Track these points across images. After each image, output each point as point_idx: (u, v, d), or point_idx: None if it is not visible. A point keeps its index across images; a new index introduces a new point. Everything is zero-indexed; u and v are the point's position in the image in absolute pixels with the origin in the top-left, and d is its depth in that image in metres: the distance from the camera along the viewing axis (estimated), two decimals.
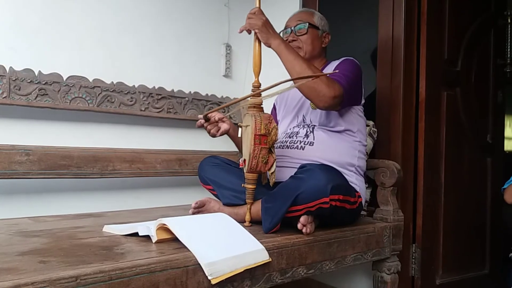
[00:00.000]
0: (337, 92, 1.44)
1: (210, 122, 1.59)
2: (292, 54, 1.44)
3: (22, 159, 1.66)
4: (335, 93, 1.44)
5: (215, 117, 1.59)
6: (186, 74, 2.31)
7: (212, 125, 1.59)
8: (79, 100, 1.86)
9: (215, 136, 1.61)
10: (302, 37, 1.71)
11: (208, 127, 1.59)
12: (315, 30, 1.74)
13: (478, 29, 2.19)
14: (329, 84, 1.43)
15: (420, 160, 1.91)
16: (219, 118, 1.59)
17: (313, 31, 1.73)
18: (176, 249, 1.07)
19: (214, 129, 1.59)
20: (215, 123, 1.60)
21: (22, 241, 1.15)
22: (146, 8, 2.17)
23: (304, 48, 1.71)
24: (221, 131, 1.60)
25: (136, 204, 2.02)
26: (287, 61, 1.44)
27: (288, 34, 1.74)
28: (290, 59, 1.44)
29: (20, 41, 1.79)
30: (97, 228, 1.35)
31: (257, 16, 1.43)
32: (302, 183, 1.31)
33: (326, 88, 1.42)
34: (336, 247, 1.43)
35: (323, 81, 1.42)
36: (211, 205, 1.56)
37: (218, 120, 1.60)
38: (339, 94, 1.45)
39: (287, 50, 1.44)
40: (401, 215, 1.72)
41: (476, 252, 2.17)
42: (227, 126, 1.61)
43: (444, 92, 2.02)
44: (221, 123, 1.61)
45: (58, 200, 1.86)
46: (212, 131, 1.59)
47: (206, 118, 1.57)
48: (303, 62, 1.44)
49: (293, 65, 1.43)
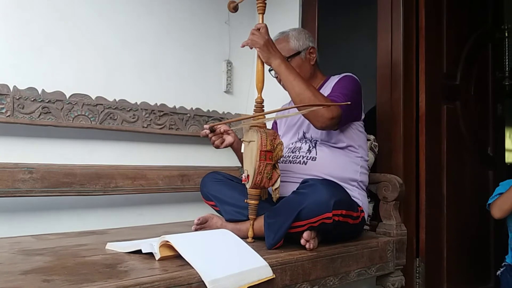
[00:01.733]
0: (335, 114, 1.46)
1: (215, 133, 1.61)
2: (292, 75, 1.46)
3: (25, 177, 1.66)
4: (333, 115, 1.45)
5: (221, 129, 1.61)
6: (188, 90, 2.34)
7: (217, 137, 1.61)
8: (82, 118, 1.87)
9: (219, 148, 1.63)
10: None
11: (213, 138, 1.61)
12: (297, 57, 1.71)
13: (476, 43, 2.21)
14: (328, 106, 1.44)
15: (422, 173, 1.92)
16: (224, 130, 1.62)
17: (295, 60, 1.70)
18: (180, 266, 1.07)
19: (218, 140, 1.61)
20: (220, 134, 1.62)
21: (25, 259, 1.15)
22: (148, 26, 2.20)
23: None
24: (225, 144, 1.62)
25: (138, 220, 2.02)
26: (287, 81, 1.46)
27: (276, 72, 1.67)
28: (290, 79, 1.45)
29: (24, 60, 1.82)
30: (100, 245, 1.34)
31: (260, 34, 1.44)
32: (305, 199, 1.31)
33: (324, 109, 1.44)
34: (339, 263, 1.42)
35: (321, 101, 1.43)
36: (214, 221, 1.56)
37: (224, 132, 1.62)
38: (337, 115, 1.47)
39: (287, 70, 1.46)
40: (404, 229, 1.72)
41: (480, 265, 2.16)
42: (232, 139, 1.63)
43: (444, 105, 2.04)
44: (226, 135, 1.63)
45: (60, 217, 1.86)
46: (216, 142, 1.61)
47: (211, 129, 1.60)
48: (303, 82, 1.45)
49: (293, 85, 1.45)
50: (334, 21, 2.48)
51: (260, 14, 1.46)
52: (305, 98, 1.43)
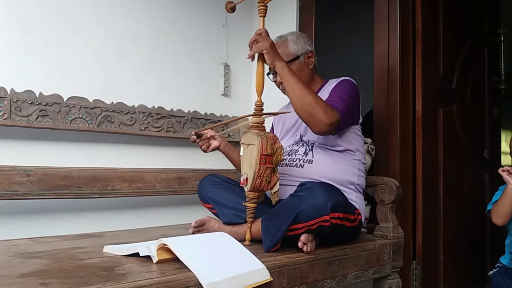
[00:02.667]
0: (334, 119, 1.47)
1: (202, 139, 1.68)
2: (294, 79, 1.47)
3: (22, 180, 1.66)
4: (331, 120, 1.46)
5: (207, 134, 1.70)
6: (185, 93, 2.34)
7: (203, 142, 1.69)
8: (79, 121, 1.87)
9: (206, 152, 1.71)
10: None
11: (199, 143, 1.69)
12: (296, 62, 1.72)
13: (472, 47, 2.23)
14: (327, 111, 1.45)
15: (419, 176, 1.93)
16: (210, 135, 1.70)
17: (294, 64, 1.71)
18: (177, 269, 1.07)
19: (204, 145, 1.69)
20: (207, 139, 1.70)
21: (23, 262, 1.14)
22: (145, 29, 2.20)
23: None
24: (211, 148, 1.70)
25: (136, 223, 2.02)
26: (289, 84, 1.47)
27: (274, 75, 1.71)
28: (292, 83, 1.46)
29: (21, 63, 1.82)
30: (97, 248, 1.34)
31: (264, 38, 1.44)
32: (302, 202, 1.32)
33: (324, 114, 1.44)
34: (337, 265, 1.43)
35: (321, 107, 1.45)
36: (211, 224, 1.56)
37: (210, 137, 1.70)
38: (335, 120, 1.47)
39: (290, 74, 1.47)
40: (401, 231, 1.73)
41: (476, 267, 2.17)
42: (217, 143, 1.70)
43: (440, 108, 2.05)
44: (212, 140, 1.70)
45: (58, 220, 1.86)
46: (202, 147, 1.70)
47: (198, 135, 1.68)
48: (304, 87, 1.46)
49: (294, 89, 1.46)
50: (331, 24, 2.49)
51: (261, 17, 1.46)
52: (305, 103, 1.44)
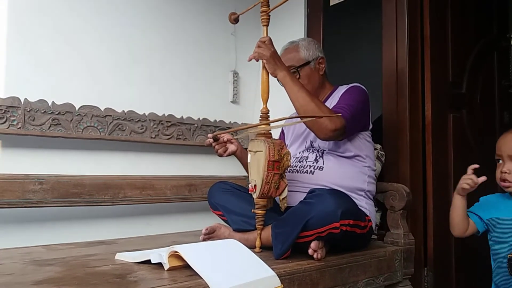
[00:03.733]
0: (338, 125, 1.47)
1: (218, 142, 1.65)
2: (297, 86, 1.48)
3: (36, 188, 1.69)
4: (336, 126, 1.46)
5: (224, 138, 1.66)
6: (195, 101, 2.36)
7: (220, 145, 1.66)
8: (91, 129, 1.90)
9: (222, 156, 1.67)
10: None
11: (216, 147, 1.65)
12: (307, 67, 1.73)
13: (482, 52, 2.22)
14: (331, 117, 1.46)
15: (429, 182, 1.92)
16: (227, 139, 1.66)
17: (305, 69, 1.72)
18: (188, 276, 1.08)
19: (221, 149, 1.66)
20: (223, 143, 1.66)
21: (37, 270, 1.16)
22: (155, 38, 2.23)
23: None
24: (228, 152, 1.66)
25: (147, 230, 2.04)
26: (292, 92, 1.48)
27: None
28: (294, 91, 1.47)
29: (34, 72, 1.85)
30: (109, 255, 1.36)
31: (266, 46, 1.45)
32: (312, 208, 1.32)
33: (328, 121, 1.45)
34: (347, 272, 1.42)
35: (325, 113, 1.45)
36: (221, 231, 1.57)
37: (227, 140, 1.66)
38: (340, 127, 1.48)
39: (292, 82, 1.48)
40: (412, 238, 1.72)
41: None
42: (235, 148, 1.67)
43: (450, 114, 2.04)
44: (229, 144, 1.67)
45: (70, 228, 1.88)
46: (219, 151, 1.66)
47: (215, 138, 1.63)
48: (307, 94, 1.47)
49: (297, 97, 1.47)
50: (339, 31, 2.49)
51: (264, 26, 1.48)
52: (309, 110, 1.45)
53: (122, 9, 2.11)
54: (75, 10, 1.97)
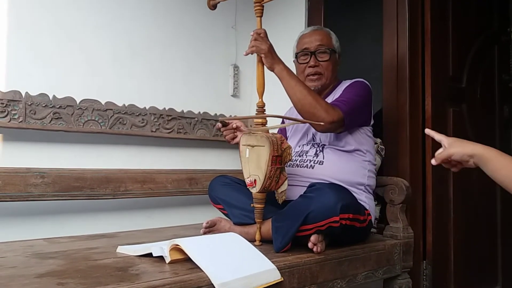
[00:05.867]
0: (335, 118, 1.48)
1: (227, 128, 1.63)
2: (294, 80, 1.49)
3: (37, 182, 1.70)
4: (333, 118, 1.48)
5: (233, 124, 1.63)
6: (195, 95, 2.36)
7: (229, 131, 1.63)
8: (92, 123, 1.91)
9: (230, 143, 1.65)
10: (324, 63, 1.71)
11: (224, 132, 1.64)
12: (334, 55, 1.75)
13: (482, 46, 2.21)
14: (328, 110, 1.47)
15: (428, 176, 1.92)
16: (237, 126, 1.63)
17: (333, 56, 1.74)
18: (190, 269, 1.09)
19: (229, 135, 1.64)
20: (232, 129, 1.64)
21: (39, 263, 1.17)
22: (156, 32, 2.23)
23: (325, 74, 1.72)
24: (236, 140, 1.63)
25: (148, 224, 2.05)
26: (289, 86, 1.49)
27: (308, 57, 1.72)
28: (291, 85, 1.48)
29: (35, 67, 1.86)
30: (110, 248, 1.37)
31: (263, 40, 1.45)
32: (312, 203, 1.33)
33: (325, 113, 1.46)
34: (347, 265, 1.44)
35: (322, 107, 1.47)
36: (222, 225, 1.58)
37: (236, 128, 1.64)
38: (337, 119, 1.49)
39: (289, 76, 1.49)
40: (411, 232, 1.73)
41: (487, 267, 2.16)
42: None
43: (450, 108, 2.04)
44: (238, 132, 1.64)
45: (71, 221, 1.90)
46: (227, 137, 1.64)
47: (224, 123, 1.62)
48: (304, 88, 1.48)
49: (295, 91, 1.48)
50: (340, 24, 2.49)
51: (258, 17, 1.46)
52: (306, 104, 1.47)
53: (122, 3, 2.11)
54: (75, 3, 1.97)
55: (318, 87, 1.71)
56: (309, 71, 1.72)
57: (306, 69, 1.73)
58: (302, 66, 1.74)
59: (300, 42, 1.78)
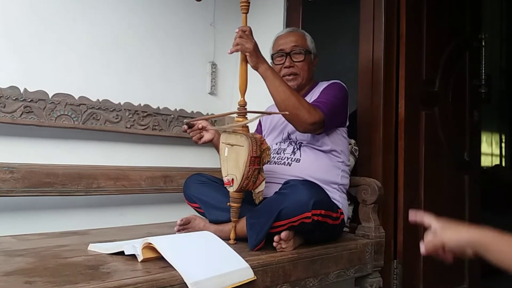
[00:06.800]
0: (317, 119, 1.51)
1: (193, 129, 1.61)
2: (278, 80, 1.50)
3: (6, 177, 1.64)
4: (314, 120, 1.51)
5: (199, 125, 1.62)
6: (172, 91, 2.34)
7: (195, 132, 1.62)
8: (65, 118, 1.86)
9: (197, 143, 1.64)
10: (299, 64, 1.73)
11: (191, 133, 1.62)
12: (309, 56, 1.77)
13: (455, 51, 2.28)
14: (310, 111, 1.50)
15: (400, 177, 1.97)
16: (202, 126, 1.63)
17: (308, 57, 1.76)
18: (162, 268, 1.08)
19: (196, 136, 1.63)
20: (198, 130, 1.63)
21: (6, 260, 1.14)
22: (132, 27, 2.19)
23: (301, 74, 1.74)
24: (203, 140, 1.63)
25: (121, 221, 2.01)
26: (273, 86, 1.50)
27: (283, 58, 1.74)
28: (275, 85, 1.49)
29: (5, 58, 1.80)
30: (82, 246, 1.34)
31: (248, 38, 1.44)
32: (285, 199, 1.35)
33: (307, 114, 1.49)
34: (319, 264, 1.45)
35: (305, 107, 1.49)
36: (196, 223, 1.57)
37: (202, 128, 1.63)
38: (319, 120, 1.52)
39: (273, 75, 1.50)
40: (383, 231, 1.76)
41: (455, 267, 2.22)
42: (210, 136, 1.64)
43: (422, 111, 2.09)
44: (205, 132, 1.64)
45: (42, 218, 1.85)
46: (194, 138, 1.63)
47: (189, 125, 1.60)
48: (287, 88, 1.50)
49: (278, 91, 1.49)
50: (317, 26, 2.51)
51: (244, 13, 1.46)
52: (290, 104, 1.48)
53: None
54: None
55: (294, 87, 1.73)
56: (284, 72, 1.74)
57: (281, 70, 1.75)
58: (278, 67, 1.76)
59: (275, 44, 1.80)
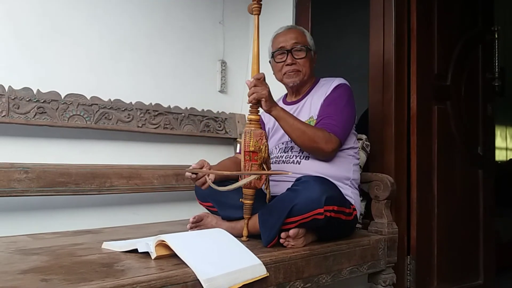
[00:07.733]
0: (335, 145, 1.57)
1: (197, 178, 1.50)
2: (291, 119, 1.54)
3: (21, 177, 1.67)
4: (333, 148, 1.56)
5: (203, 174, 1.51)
6: (182, 90, 2.35)
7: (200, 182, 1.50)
8: (77, 118, 1.88)
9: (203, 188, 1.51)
10: (301, 61, 1.73)
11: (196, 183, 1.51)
12: (310, 52, 1.77)
13: (467, 45, 2.24)
14: (326, 141, 1.54)
15: (413, 172, 1.95)
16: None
17: (309, 53, 1.76)
18: (175, 265, 1.09)
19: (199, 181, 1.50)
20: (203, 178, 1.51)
21: (22, 259, 1.16)
22: (143, 27, 2.21)
23: (303, 71, 1.74)
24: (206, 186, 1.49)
25: (133, 220, 2.03)
26: (287, 125, 1.53)
27: (285, 56, 1.73)
28: (290, 123, 1.53)
29: (19, 60, 1.82)
30: (96, 244, 1.36)
31: (262, 85, 1.45)
32: (297, 195, 1.35)
33: (325, 145, 1.54)
34: (332, 261, 1.45)
35: (321, 139, 1.53)
36: (209, 220, 1.58)
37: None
38: (336, 146, 1.58)
39: (286, 115, 1.54)
40: (395, 227, 1.75)
41: (469, 262, 2.20)
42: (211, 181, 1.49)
43: (435, 106, 2.06)
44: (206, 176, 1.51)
45: (56, 217, 1.87)
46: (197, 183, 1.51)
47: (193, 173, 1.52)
48: (301, 125, 1.54)
49: (293, 129, 1.53)
50: (327, 21, 2.50)
51: (256, 15, 1.47)
52: (306, 140, 1.53)
53: None
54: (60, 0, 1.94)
55: (297, 82, 1.74)
56: (287, 69, 1.73)
57: (283, 67, 1.74)
58: (279, 65, 1.75)
59: (275, 42, 1.79)
